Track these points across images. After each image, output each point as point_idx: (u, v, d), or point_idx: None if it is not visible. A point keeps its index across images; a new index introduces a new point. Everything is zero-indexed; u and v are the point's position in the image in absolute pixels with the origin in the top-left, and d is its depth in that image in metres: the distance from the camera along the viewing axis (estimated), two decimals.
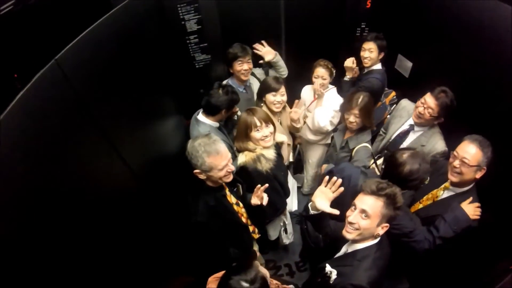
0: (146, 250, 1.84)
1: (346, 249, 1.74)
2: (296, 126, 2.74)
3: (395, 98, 3.02)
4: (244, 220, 2.19)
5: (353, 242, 1.67)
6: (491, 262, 1.76)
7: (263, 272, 1.52)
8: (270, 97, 2.52)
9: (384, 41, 2.75)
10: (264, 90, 2.56)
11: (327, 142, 3.02)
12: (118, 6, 1.75)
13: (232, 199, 2.08)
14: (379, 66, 2.86)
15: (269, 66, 2.93)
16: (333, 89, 2.93)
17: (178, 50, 2.63)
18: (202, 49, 2.71)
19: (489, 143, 1.81)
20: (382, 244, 1.64)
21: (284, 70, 2.92)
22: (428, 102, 2.19)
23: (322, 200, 1.75)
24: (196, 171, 1.81)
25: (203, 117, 2.43)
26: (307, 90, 3.05)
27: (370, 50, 2.76)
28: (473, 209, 1.86)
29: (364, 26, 3.04)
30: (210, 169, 1.77)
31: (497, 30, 1.90)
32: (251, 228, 2.30)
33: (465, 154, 1.83)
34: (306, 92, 3.06)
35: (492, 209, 1.86)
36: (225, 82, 2.71)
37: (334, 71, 2.83)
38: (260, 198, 2.05)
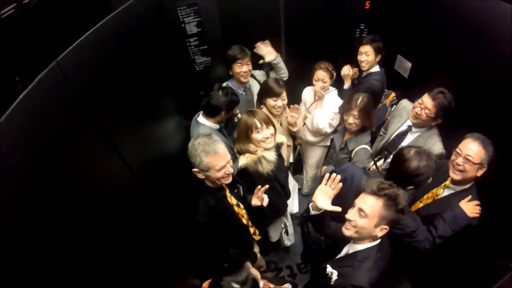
0: (146, 250, 1.84)
1: (347, 250, 1.73)
2: (292, 130, 2.76)
3: (395, 99, 3.03)
4: (244, 221, 2.19)
5: (354, 243, 1.67)
6: (491, 261, 1.75)
7: (254, 273, 1.53)
8: (271, 101, 2.53)
9: (380, 43, 2.74)
10: (265, 94, 2.56)
11: (327, 144, 3.01)
12: (118, 8, 1.77)
13: (232, 200, 2.08)
14: (378, 68, 2.86)
15: (269, 68, 2.94)
16: (333, 91, 2.93)
17: (178, 53, 2.64)
18: (202, 51, 2.73)
19: (490, 142, 1.81)
20: (383, 245, 1.63)
21: (284, 72, 2.92)
22: (425, 103, 2.19)
23: (323, 198, 1.75)
24: (194, 170, 1.82)
25: (203, 119, 2.44)
26: (308, 91, 3.06)
27: (367, 54, 2.76)
28: (472, 207, 1.85)
29: (363, 27, 3.05)
30: (208, 168, 1.77)
31: (497, 30, 1.89)
32: (252, 229, 2.30)
33: (469, 152, 1.83)
34: (307, 93, 3.07)
35: (492, 207, 1.86)
36: (225, 84, 2.73)
37: (334, 74, 2.83)
38: (260, 199, 2.06)
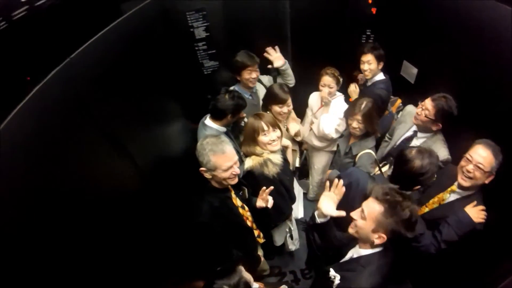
0: (149, 250, 1.86)
1: (352, 254, 1.72)
2: (297, 139, 2.81)
3: (401, 105, 3.02)
4: (249, 223, 2.20)
5: (359, 247, 1.66)
6: (495, 264, 1.72)
7: (247, 277, 1.53)
8: (277, 108, 2.55)
9: (381, 50, 2.73)
10: (270, 101, 2.58)
11: (333, 149, 3.01)
12: (128, 13, 1.82)
13: (237, 202, 2.09)
14: (382, 76, 2.85)
15: (277, 73, 2.96)
16: (340, 96, 2.94)
17: (187, 57, 2.69)
18: (210, 55, 2.77)
19: (499, 149, 1.80)
20: (387, 252, 1.61)
21: (291, 79, 2.95)
22: (426, 104, 2.21)
23: (328, 204, 1.75)
24: (201, 169, 1.84)
25: (210, 121, 2.47)
26: (315, 96, 3.07)
27: (369, 62, 2.76)
28: (477, 212, 1.84)
29: (369, 33, 3.08)
30: (215, 168, 1.80)
31: (506, 36, 1.87)
32: (256, 232, 2.31)
33: (480, 159, 1.81)
34: (314, 98, 3.08)
35: (497, 211, 1.83)
36: (232, 88, 2.76)
37: (341, 79, 2.84)
38: (265, 200, 2.07)
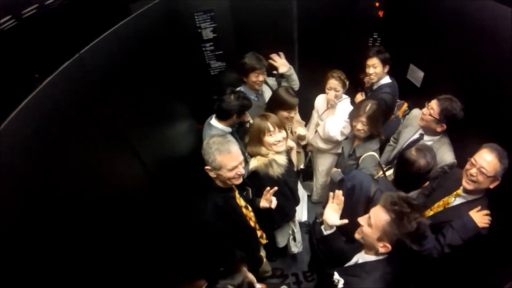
0: (153, 249, 1.87)
1: (357, 259, 1.71)
2: (301, 143, 2.82)
3: (408, 109, 3.01)
4: (252, 224, 2.20)
5: (365, 252, 1.65)
6: (500, 269, 1.71)
7: (251, 278, 1.53)
8: (285, 113, 2.53)
9: (386, 54, 2.73)
10: (278, 107, 2.53)
11: (338, 151, 3.00)
12: (136, 12, 1.83)
13: (241, 202, 2.10)
14: (388, 79, 2.84)
15: (281, 78, 2.97)
16: (346, 99, 2.94)
17: (194, 57, 2.72)
18: (217, 56, 2.80)
19: (506, 154, 1.78)
20: (393, 260, 1.58)
21: (296, 84, 2.95)
22: (431, 103, 2.21)
23: (332, 215, 1.79)
24: (207, 168, 1.86)
25: (216, 121, 2.48)
26: (321, 98, 3.08)
27: (374, 66, 2.76)
28: (481, 216, 1.82)
29: (376, 36, 3.08)
30: (220, 167, 1.81)
31: None
32: (259, 233, 2.31)
33: (483, 164, 1.80)
34: (320, 100, 3.09)
35: (503, 216, 1.82)
36: (238, 90, 2.79)
37: (347, 82, 2.84)
38: (268, 201, 2.08)
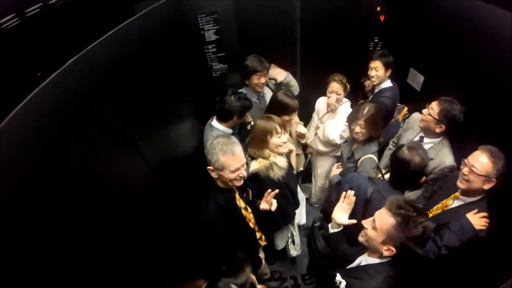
0: (153, 249, 1.87)
1: (360, 261, 1.71)
2: (301, 141, 2.82)
3: (408, 113, 3.02)
4: (251, 225, 2.20)
5: (368, 255, 1.65)
6: (499, 272, 1.71)
7: (253, 279, 1.53)
8: (286, 117, 2.54)
9: (389, 58, 2.74)
10: (280, 110, 2.52)
11: (337, 154, 3.01)
12: (139, 13, 1.84)
13: (241, 203, 2.10)
14: (389, 83, 2.85)
15: (280, 85, 2.97)
16: (347, 103, 2.95)
17: (196, 58, 2.73)
18: (220, 58, 2.82)
19: (502, 156, 1.78)
20: (396, 263, 1.58)
21: (296, 89, 2.98)
22: (432, 104, 2.24)
23: (342, 215, 1.86)
24: (209, 168, 1.85)
25: (217, 123, 2.50)
26: (322, 101, 3.08)
27: (377, 69, 2.77)
28: (478, 219, 1.82)
29: (377, 40, 3.11)
30: (222, 168, 1.80)
31: None
32: (258, 234, 2.30)
33: (474, 163, 1.81)
34: (321, 103, 3.09)
35: (503, 218, 1.82)
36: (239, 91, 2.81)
37: (348, 86, 2.86)
38: (269, 203, 2.08)
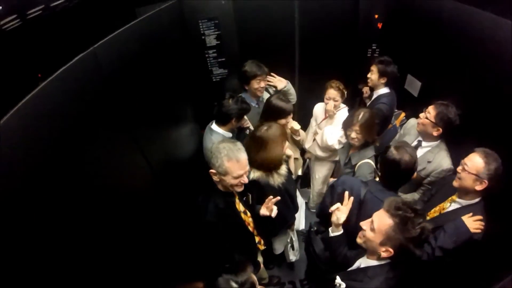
0: (153, 250, 1.85)
1: (360, 263, 1.71)
2: (296, 138, 2.80)
3: (405, 119, 3.06)
4: (250, 229, 2.19)
5: (367, 257, 1.66)
6: (496, 274, 1.72)
7: (254, 280, 1.53)
8: (283, 121, 2.54)
9: (387, 67, 2.77)
10: (277, 115, 2.52)
11: (336, 159, 3.04)
12: (141, 17, 1.86)
13: (240, 207, 2.09)
14: (386, 90, 2.89)
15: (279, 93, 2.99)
16: (344, 108, 2.97)
17: (197, 63, 2.75)
18: (220, 63, 2.84)
19: (496, 158, 1.81)
20: (396, 264, 1.58)
21: (294, 97, 3.00)
22: (428, 108, 2.28)
23: (342, 216, 1.89)
24: (212, 171, 1.83)
25: (216, 126, 2.52)
26: (320, 107, 3.10)
27: (372, 72, 2.84)
28: (473, 222, 1.83)
29: (375, 47, 3.15)
30: (225, 173, 1.79)
31: (509, 51, 1.87)
32: (257, 238, 2.30)
33: (467, 161, 1.87)
34: (318, 109, 3.12)
35: (501, 222, 1.84)
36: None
37: (345, 92, 2.88)
38: (269, 209, 2.09)
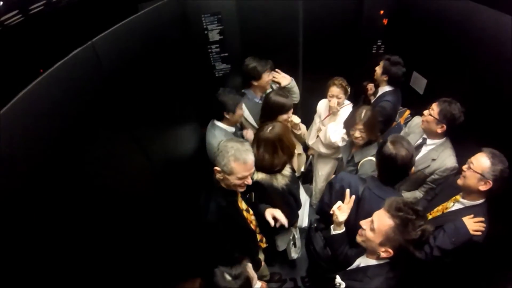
0: (153, 248, 1.86)
1: (359, 262, 1.71)
2: (296, 132, 2.79)
3: (410, 116, 3.03)
4: (253, 227, 2.19)
5: (367, 256, 1.65)
6: (498, 276, 1.72)
7: (250, 274, 1.57)
8: (285, 116, 2.53)
9: (392, 66, 2.75)
10: (277, 111, 2.50)
11: (339, 156, 3.01)
12: (142, 11, 1.83)
13: (243, 205, 2.09)
14: (391, 87, 2.86)
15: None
16: (349, 105, 2.94)
17: (199, 58, 2.72)
18: (223, 58, 2.80)
19: (503, 160, 1.79)
20: (396, 264, 1.58)
21: (297, 96, 2.98)
22: (432, 105, 2.27)
23: (343, 215, 1.89)
24: (216, 168, 1.80)
25: (219, 122, 2.54)
26: (323, 103, 3.07)
27: (379, 66, 2.84)
28: (474, 223, 1.82)
29: (380, 44, 3.11)
30: (230, 173, 1.76)
31: None
32: (259, 236, 2.30)
33: (473, 160, 1.87)
34: (322, 105, 3.09)
35: (505, 225, 1.83)
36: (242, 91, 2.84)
37: (349, 89, 2.85)
38: (273, 218, 2.05)
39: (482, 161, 1.82)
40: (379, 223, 1.49)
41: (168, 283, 2.02)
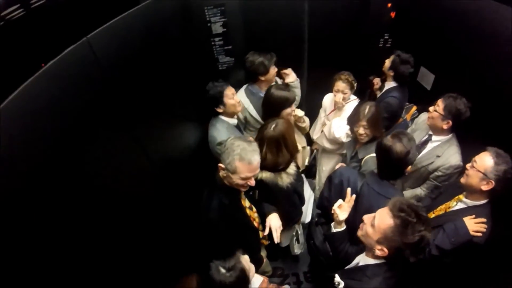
0: (154, 247, 1.86)
1: (358, 260, 1.71)
2: (301, 125, 2.77)
3: (416, 112, 2.98)
4: (255, 224, 2.17)
5: (365, 254, 1.65)
6: (499, 278, 1.70)
7: (246, 265, 1.56)
8: (288, 110, 2.50)
9: (400, 64, 2.71)
10: (281, 106, 2.48)
11: (343, 151, 2.98)
12: (143, 3, 1.79)
13: (246, 203, 2.07)
14: (396, 83, 2.83)
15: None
16: (355, 100, 2.90)
17: (203, 51, 2.68)
18: (226, 51, 2.76)
19: (507, 160, 1.76)
20: (394, 264, 1.57)
21: (298, 97, 2.92)
22: (438, 101, 2.24)
23: (343, 213, 1.88)
24: (220, 165, 1.78)
25: (221, 115, 2.53)
26: (329, 98, 3.04)
27: (389, 59, 2.81)
28: (475, 224, 1.80)
29: (387, 37, 3.06)
30: (234, 172, 1.74)
31: None
32: (262, 234, 2.28)
33: (477, 158, 1.85)
34: (328, 100, 3.06)
35: (508, 226, 1.80)
36: (244, 87, 2.82)
37: (355, 84, 2.81)
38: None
39: (485, 160, 1.80)
40: (380, 221, 1.48)
41: (168, 280, 2.03)
